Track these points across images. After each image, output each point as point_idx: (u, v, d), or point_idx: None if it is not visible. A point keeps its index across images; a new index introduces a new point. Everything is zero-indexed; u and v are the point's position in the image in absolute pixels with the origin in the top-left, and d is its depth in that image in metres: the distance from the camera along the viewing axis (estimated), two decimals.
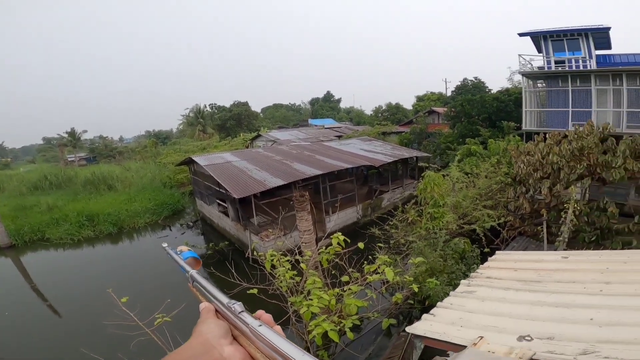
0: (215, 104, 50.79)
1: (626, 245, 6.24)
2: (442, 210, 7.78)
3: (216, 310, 0.56)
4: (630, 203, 10.89)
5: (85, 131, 44.21)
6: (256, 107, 58.45)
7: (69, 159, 37.61)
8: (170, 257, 0.79)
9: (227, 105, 49.35)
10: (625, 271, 2.83)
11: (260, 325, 0.47)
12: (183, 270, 0.71)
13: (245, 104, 48.56)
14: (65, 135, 41.58)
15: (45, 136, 66.57)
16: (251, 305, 0.88)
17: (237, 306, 0.52)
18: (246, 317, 0.50)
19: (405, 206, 8.73)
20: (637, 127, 11.45)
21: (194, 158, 15.12)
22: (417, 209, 8.53)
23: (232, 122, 45.10)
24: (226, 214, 13.43)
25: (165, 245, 0.87)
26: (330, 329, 2.70)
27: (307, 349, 4.26)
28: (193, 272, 0.68)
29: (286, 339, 0.44)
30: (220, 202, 13.74)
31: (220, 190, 12.54)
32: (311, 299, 3.32)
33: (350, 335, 3.57)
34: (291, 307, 4.31)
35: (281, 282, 4.27)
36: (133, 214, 16.89)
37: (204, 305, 0.58)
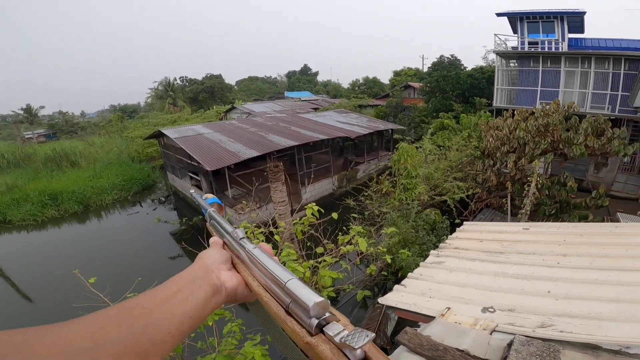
0: (186, 76, 48.12)
1: (582, 219, 6.67)
2: (415, 181, 7.95)
3: (224, 244, 0.60)
4: (588, 179, 11.66)
5: (42, 107, 41.13)
6: (230, 80, 56.09)
7: (27, 136, 34.83)
8: (195, 201, 0.83)
9: (199, 78, 46.86)
10: (581, 244, 2.99)
11: (255, 248, 0.51)
12: (204, 211, 0.75)
13: (219, 77, 46.16)
14: (21, 112, 38.35)
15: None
16: None
17: (239, 232, 0.56)
18: (246, 242, 0.54)
19: (380, 177, 8.83)
20: (600, 107, 12.09)
21: (164, 131, 14.38)
22: (391, 180, 8.66)
23: (205, 95, 42.98)
24: (199, 187, 13.09)
25: (192, 191, 0.93)
26: None
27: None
28: (210, 210, 0.72)
29: (278, 262, 0.47)
30: (193, 175, 13.33)
31: (193, 163, 12.12)
32: None
33: None
34: None
35: None
36: (100, 191, 15.99)
37: (213, 239, 0.62)
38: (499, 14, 14.46)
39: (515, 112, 8.56)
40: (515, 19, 14.08)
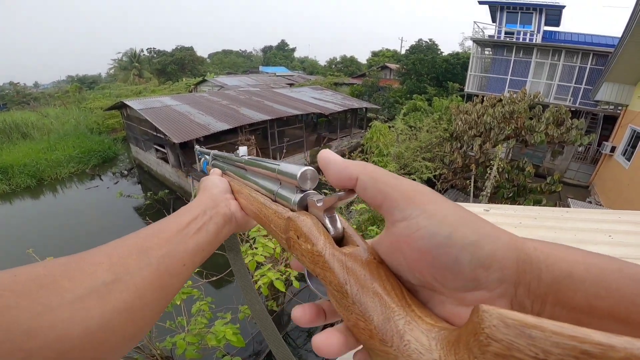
0: (154, 48, 45.04)
1: (537, 203, 7.06)
2: (386, 159, 8.06)
3: (222, 173, 0.60)
4: (544, 165, 12.35)
5: None
6: (203, 53, 53.21)
7: None
8: (198, 152, 0.82)
9: (169, 50, 44.27)
10: (535, 227, 3.14)
11: (250, 157, 0.52)
12: (207, 157, 0.73)
13: (190, 49, 43.81)
14: None
15: None
16: None
17: (242, 149, 0.56)
18: (245, 158, 0.53)
19: (352, 154, 8.89)
20: (563, 99, 12.71)
21: (127, 102, 13.45)
22: (362, 157, 8.72)
23: (174, 67, 40.69)
24: (166, 161, 12.54)
25: (197, 146, 0.89)
26: (276, 279, 2.68)
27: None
28: (214, 151, 0.71)
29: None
30: (159, 148, 12.72)
31: (159, 135, 11.49)
32: (256, 248, 3.24)
33: (296, 284, 3.59)
34: None
35: None
36: (54, 164, 14.85)
37: (213, 169, 0.63)
38: (480, 2, 14.59)
39: (485, 98, 8.81)
40: (496, 7, 14.26)
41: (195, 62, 43.64)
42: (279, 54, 59.99)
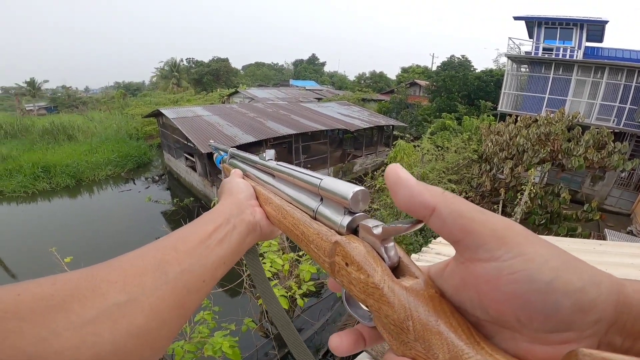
0: (193, 58, 47.53)
1: (570, 232, 6.58)
2: None
3: (244, 175, 0.57)
4: (583, 191, 11.55)
5: (46, 81, 40.32)
6: (237, 64, 55.44)
7: (27, 109, 34.42)
8: (213, 147, 0.80)
9: (206, 60, 46.36)
10: None
11: (280, 164, 0.47)
12: (223, 155, 0.71)
13: (225, 60, 45.68)
14: (24, 85, 37.84)
15: (3, 85, 59.95)
16: None
17: (270, 152, 0.52)
18: (272, 163, 0.49)
19: (375, 173, 8.72)
20: (606, 119, 11.90)
21: (162, 110, 14.21)
22: None
23: (210, 77, 42.49)
24: (194, 169, 12.98)
25: (211, 141, 0.88)
26: (281, 295, 2.63)
27: (262, 314, 4.23)
28: (232, 149, 0.68)
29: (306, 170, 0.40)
30: (188, 157, 13.21)
31: (189, 144, 12.01)
32: (264, 263, 3.21)
33: (300, 302, 3.54)
34: (246, 270, 4.23)
35: None
36: (94, 166, 15.77)
37: (234, 170, 0.60)
38: (516, 18, 14.16)
39: (519, 118, 8.41)
40: (533, 23, 13.77)
41: (230, 74, 45.36)
42: (309, 67, 61.18)
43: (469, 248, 0.22)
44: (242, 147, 10.98)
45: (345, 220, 0.31)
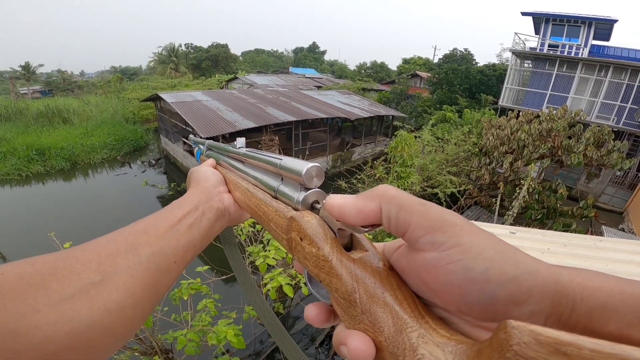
0: (191, 43, 46.87)
1: (566, 227, 6.65)
2: (409, 170, 7.84)
3: (216, 164, 0.58)
4: (578, 187, 11.67)
5: (41, 65, 39.30)
6: (236, 50, 54.56)
7: (22, 92, 33.84)
8: (192, 142, 0.80)
9: (205, 46, 45.58)
10: (565, 254, 2.91)
11: (247, 149, 0.49)
12: (201, 147, 0.72)
13: (225, 46, 44.95)
14: (19, 69, 36.85)
15: None
16: (208, 251, 0.84)
17: (240, 140, 0.53)
18: (242, 150, 0.51)
19: (375, 162, 8.71)
20: (606, 118, 11.95)
21: (161, 94, 14.00)
22: (385, 166, 8.54)
23: (208, 63, 41.98)
24: (192, 154, 12.82)
25: (191, 135, 0.88)
26: (286, 283, 2.63)
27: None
28: (209, 141, 0.69)
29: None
30: (186, 141, 13.07)
31: (187, 128, 11.89)
32: (269, 250, 3.20)
33: (305, 290, 3.56)
34: (248, 257, 4.22)
35: (240, 229, 4.13)
36: (89, 149, 15.57)
37: (207, 160, 0.61)
38: (524, 13, 14.00)
39: (521, 114, 8.40)
40: (541, 19, 13.64)
41: (229, 60, 44.72)
42: (310, 55, 60.34)
43: (410, 239, 0.22)
44: (242, 132, 10.89)
45: (301, 195, 0.32)
